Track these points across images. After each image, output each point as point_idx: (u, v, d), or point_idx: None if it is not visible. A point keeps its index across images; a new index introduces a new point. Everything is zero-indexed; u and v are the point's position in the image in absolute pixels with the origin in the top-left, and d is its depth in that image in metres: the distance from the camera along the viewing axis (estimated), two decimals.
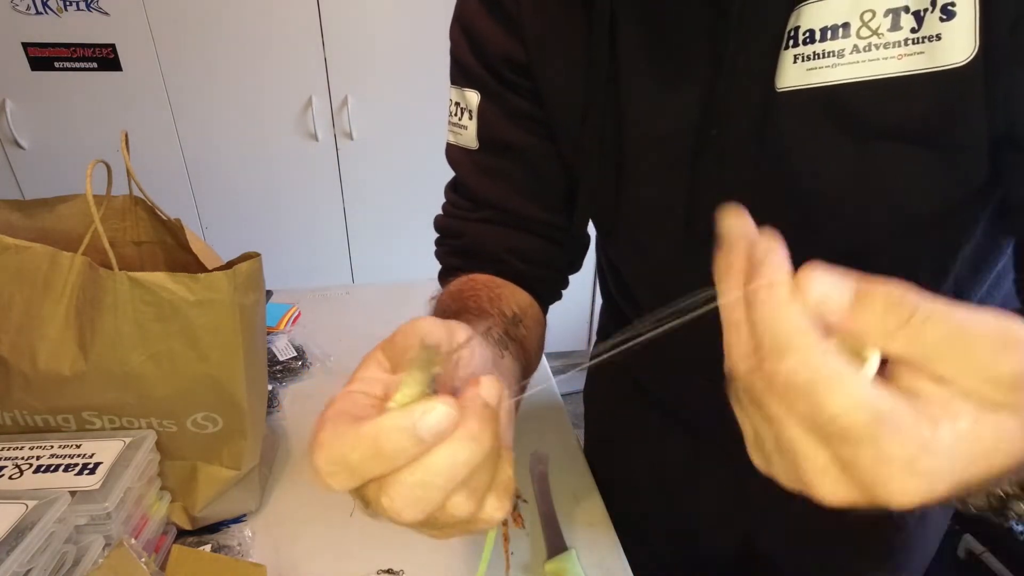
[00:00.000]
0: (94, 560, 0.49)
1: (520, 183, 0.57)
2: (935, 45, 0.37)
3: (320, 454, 0.26)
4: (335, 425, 0.27)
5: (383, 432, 0.25)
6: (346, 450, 0.26)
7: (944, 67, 0.37)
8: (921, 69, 0.38)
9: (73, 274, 0.52)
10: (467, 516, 0.28)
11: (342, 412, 0.28)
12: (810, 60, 0.41)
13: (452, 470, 0.26)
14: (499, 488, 0.29)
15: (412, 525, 0.28)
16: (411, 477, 0.26)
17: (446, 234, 0.62)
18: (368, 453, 0.25)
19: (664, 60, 0.47)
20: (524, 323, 0.52)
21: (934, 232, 0.47)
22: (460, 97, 0.56)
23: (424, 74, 1.81)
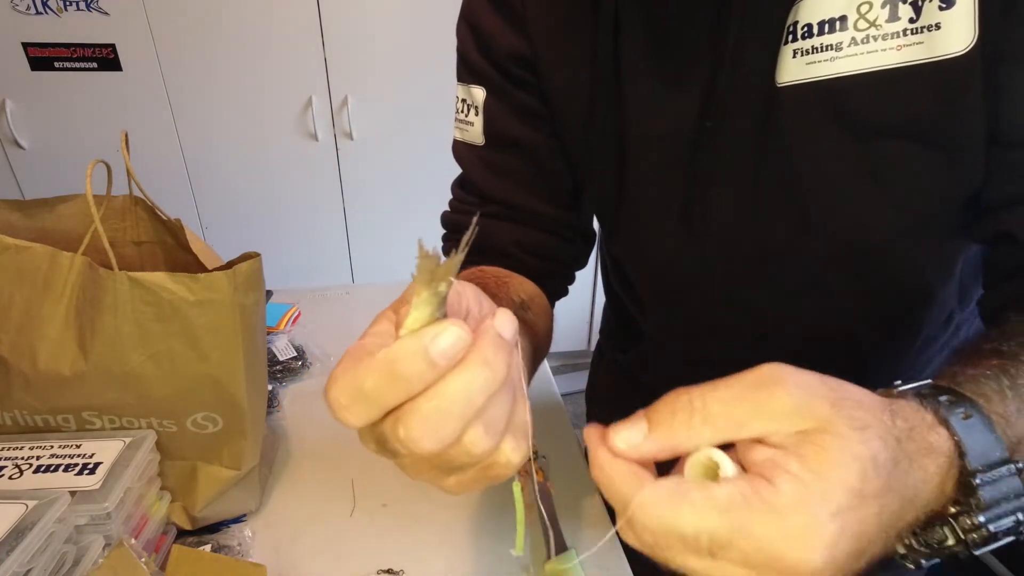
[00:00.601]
0: (94, 560, 0.49)
1: (526, 179, 0.57)
2: (934, 35, 0.37)
3: (335, 387, 0.26)
4: (349, 361, 0.27)
5: (397, 356, 0.25)
6: (361, 379, 0.26)
7: (943, 57, 0.37)
8: (920, 60, 0.38)
9: (73, 274, 0.52)
10: (484, 453, 0.27)
11: (355, 352, 0.28)
12: (809, 54, 0.41)
13: (468, 396, 0.26)
14: (516, 429, 0.29)
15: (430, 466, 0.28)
16: (427, 403, 0.26)
17: (452, 229, 0.62)
18: (383, 379, 0.25)
19: (666, 58, 0.47)
20: (532, 309, 0.52)
21: (937, 232, 0.47)
22: (466, 94, 0.57)
23: (424, 74, 1.80)
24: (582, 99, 0.52)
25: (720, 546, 0.25)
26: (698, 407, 0.27)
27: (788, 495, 0.24)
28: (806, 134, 0.43)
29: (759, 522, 0.24)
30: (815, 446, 0.25)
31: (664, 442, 0.27)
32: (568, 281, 0.65)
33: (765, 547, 0.24)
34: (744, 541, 0.24)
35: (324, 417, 0.85)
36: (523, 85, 0.54)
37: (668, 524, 0.25)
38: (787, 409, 0.26)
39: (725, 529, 0.24)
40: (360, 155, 1.92)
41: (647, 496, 0.26)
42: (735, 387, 0.27)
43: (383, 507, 0.65)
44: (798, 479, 0.25)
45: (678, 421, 0.27)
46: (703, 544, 0.25)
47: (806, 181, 0.45)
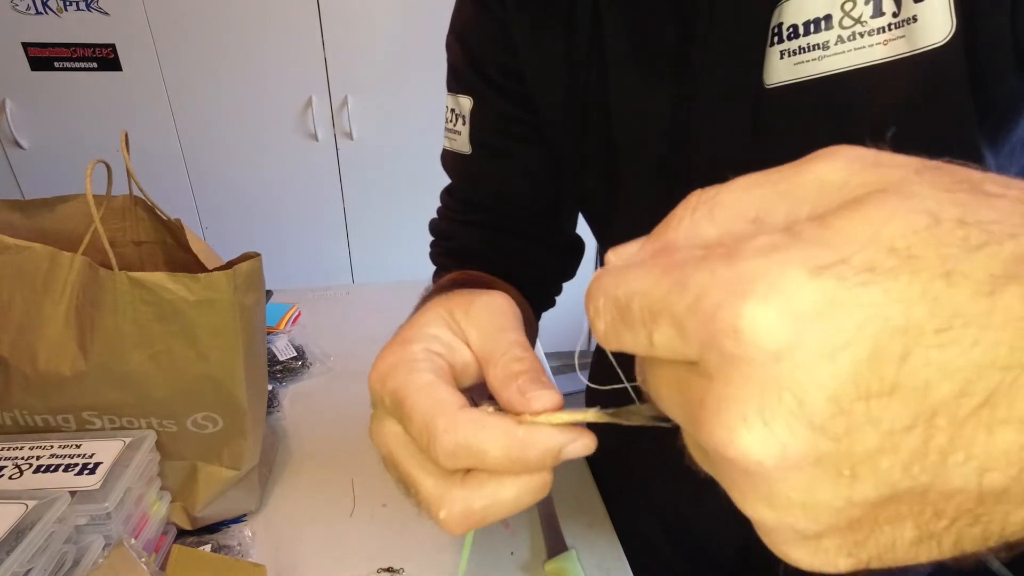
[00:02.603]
0: (94, 560, 0.49)
1: (512, 187, 0.58)
2: (913, 27, 0.37)
3: (451, 437, 0.25)
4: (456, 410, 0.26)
5: (535, 442, 0.25)
6: (484, 444, 0.25)
7: (924, 48, 0.37)
8: (904, 53, 0.38)
9: (73, 274, 0.52)
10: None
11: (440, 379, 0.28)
12: (796, 55, 0.41)
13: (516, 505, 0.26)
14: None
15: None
16: (479, 503, 0.26)
17: (439, 236, 0.63)
18: (512, 455, 0.25)
19: (649, 63, 0.47)
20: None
21: None
22: (455, 103, 0.57)
23: (424, 74, 1.81)
24: (569, 105, 0.52)
25: (651, 315, 0.17)
26: (705, 200, 0.19)
27: (760, 242, 0.16)
28: (798, 134, 0.43)
29: (701, 270, 0.16)
30: (850, 203, 0.15)
31: (659, 245, 0.20)
32: (554, 292, 0.65)
33: (697, 301, 0.15)
34: (677, 299, 0.16)
35: (324, 417, 0.85)
36: (509, 95, 0.55)
37: (609, 292, 0.18)
38: (827, 179, 0.17)
39: (660, 287, 0.17)
40: (360, 155, 1.92)
41: (607, 267, 0.20)
42: (766, 170, 0.19)
43: (383, 507, 0.65)
44: (790, 231, 0.16)
45: (676, 219, 0.20)
46: (635, 314, 0.17)
47: None
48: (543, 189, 0.58)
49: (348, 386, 0.85)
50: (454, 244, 0.60)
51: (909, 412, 0.14)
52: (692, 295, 0.16)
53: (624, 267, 0.18)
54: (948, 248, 0.14)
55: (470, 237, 0.59)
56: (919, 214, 0.14)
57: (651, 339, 0.17)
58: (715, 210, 0.19)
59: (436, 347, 0.30)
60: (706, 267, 0.16)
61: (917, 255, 0.14)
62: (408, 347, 0.30)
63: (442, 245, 0.62)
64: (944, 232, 0.14)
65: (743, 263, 0.15)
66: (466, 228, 0.60)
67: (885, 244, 0.14)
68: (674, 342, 0.16)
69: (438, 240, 0.63)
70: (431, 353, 0.29)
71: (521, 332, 0.30)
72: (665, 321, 0.16)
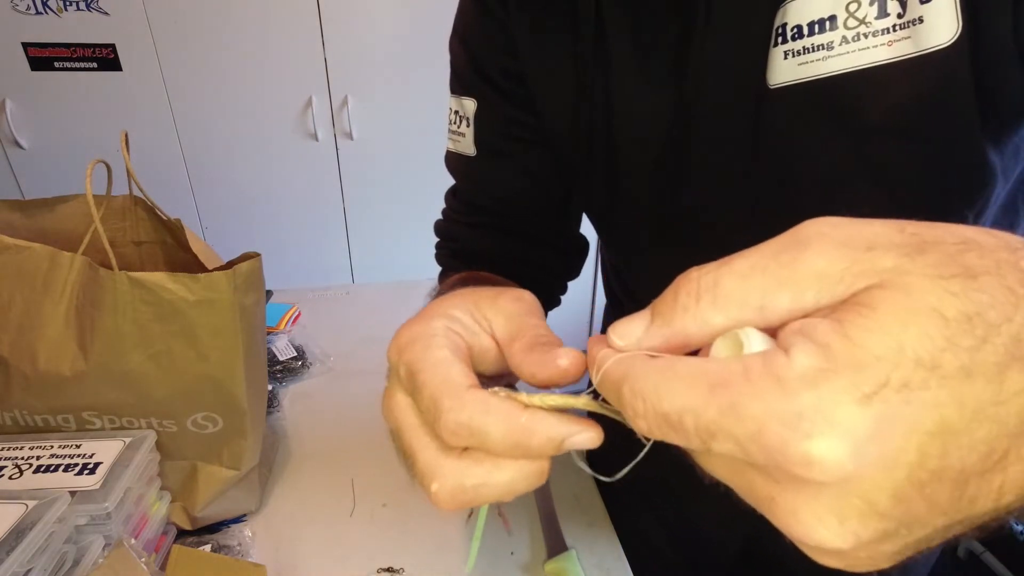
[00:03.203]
0: (94, 560, 0.49)
1: (516, 189, 0.58)
2: (919, 28, 0.37)
3: (455, 415, 0.26)
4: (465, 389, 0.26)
5: (538, 430, 0.25)
6: (487, 426, 0.25)
7: (930, 49, 0.37)
8: (910, 54, 0.38)
9: (73, 274, 0.52)
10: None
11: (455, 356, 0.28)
12: (800, 55, 0.41)
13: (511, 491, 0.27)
14: None
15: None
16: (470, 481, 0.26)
17: (444, 238, 0.63)
18: (508, 439, 0.25)
19: (651, 62, 0.47)
20: None
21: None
22: (458, 105, 0.57)
23: (424, 74, 1.81)
24: (570, 106, 0.52)
25: (708, 433, 0.19)
26: (706, 286, 0.21)
27: (802, 367, 0.17)
28: (802, 134, 0.43)
29: (753, 400, 0.18)
30: (861, 307, 0.18)
31: (666, 335, 0.22)
32: (559, 291, 0.65)
33: (760, 435, 0.17)
34: (734, 425, 0.18)
35: (324, 417, 0.85)
36: (512, 97, 0.55)
37: (651, 403, 0.20)
38: (826, 270, 0.19)
39: (712, 409, 0.18)
40: (360, 155, 1.92)
41: (635, 370, 0.21)
42: (757, 253, 0.20)
43: (383, 507, 0.65)
44: (823, 347, 0.17)
45: (681, 306, 0.21)
46: (689, 428, 0.19)
47: (803, 181, 0.45)
48: (547, 190, 0.58)
49: (348, 386, 0.85)
50: (459, 246, 0.61)
51: (949, 485, 0.17)
52: (752, 426, 0.18)
53: (660, 373, 0.20)
54: (961, 350, 0.16)
55: (475, 239, 0.59)
56: (929, 319, 0.17)
57: (707, 447, 0.19)
58: (719, 300, 0.21)
59: (457, 327, 0.30)
60: (759, 397, 0.18)
61: (939, 363, 0.17)
62: (430, 322, 0.30)
63: (447, 247, 0.62)
64: (954, 333, 0.17)
65: (796, 398, 0.17)
66: (471, 230, 0.60)
67: (911, 358, 0.17)
68: (734, 454, 0.18)
69: (443, 242, 0.63)
70: (451, 331, 0.30)
71: (545, 323, 0.30)
72: (724, 439, 0.18)
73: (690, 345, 0.22)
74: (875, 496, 0.17)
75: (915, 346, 0.17)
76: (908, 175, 0.43)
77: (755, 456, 0.18)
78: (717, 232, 0.51)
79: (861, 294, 0.18)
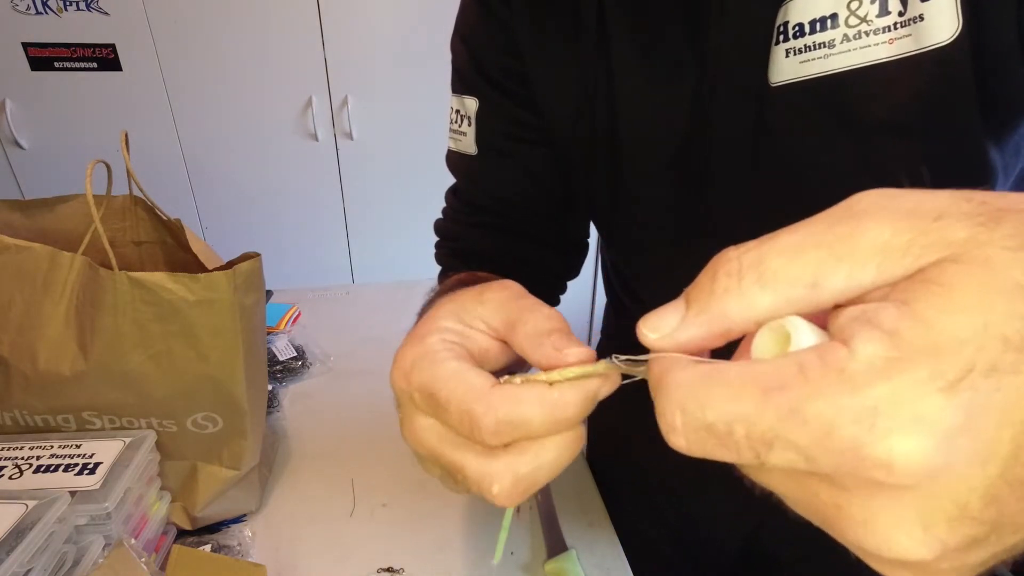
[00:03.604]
0: (94, 560, 0.49)
1: (517, 189, 0.58)
2: (920, 26, 0.37)
3: (491, 416, 0.26)
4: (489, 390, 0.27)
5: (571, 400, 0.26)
6: (527, 414, 0.26)
7: (931, 47, 0.37)
8: (910, 52, 0.38)
9: (73, 274, 0.52)
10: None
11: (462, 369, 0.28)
12: (802, 53, 0.41)
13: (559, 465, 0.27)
14: None
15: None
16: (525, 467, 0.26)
17: (445, 237, 0.63)
18: (552, 417, 0.25)
19: (653, 60, 0.47)
20: None
21: None
22: (460, 105, 0.57)
23: (424, 74, 1.81)
24: (572, 106, 0.52)
25: (765, 443, 0.17)
26: (750, 263, 0.18)
27: (868, 357, 0.15)
28: (803, 132, 0.43)
29: (817, 399, 0.16)
30: (932, 284, 0.16)
31: (705, 321, 0.19)
32: (559, 291, 0.65)
33: (828, 437, 0.15)
34: (796, 430, 0.16)
35: (324, 417, 0.85)
36: (514, 97, 0.55)
37: (693, 414, 0.18)
38: (888, 242, 0.17)
39: (768, 415, 0.16)
40: (360, 155, 1.92)
41: (670, 384, 0.19)
42: (806, 228, 0.18)
43: (383, 507, 0.65)
44: (891, 334, 0.15)
45: (721, 287, 0.19)
46: (740, 440, 0.17)
47: (805, 179, 0.45)
48: (548, 190, 0.58)
49: (348, 386, 0.85)
50: (460, 245, 0.61)
51: None
52: (817, 429, 0.16)
53: (701, 379, 0.18)
54: None
55: (476, 238, 0.59)
56: (1014, 295, 0.15)
57: (761, 459, 0.17)
58: (765, 276, 0.18)
59: (451, 336, 0.30)
60: (823, 397, 0.16)
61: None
62: (425, 341, 0.30)
63: (448, 246, 0.62)
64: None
65: (868, 392, 0.15)
66: (472, 229, 0.60)
67: (998, 338, 0.15)
68: (795, 463, 0.16)
69: (443, 241, 0.63)
70: (447, 343, 0.30)
71: (535, 298, 0.30)
72: (783, 447, 0.16)
73: (732, 333, 0.20)
74: (966, 497, 0.15)
75: (1000, 325, 0.15)
76: (910, 173, 0.43)
77: (822, 463, 0.16)
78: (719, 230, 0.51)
79: (930, 270, 0.16)
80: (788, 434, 0.16)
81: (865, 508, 0.16)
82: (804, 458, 0.16)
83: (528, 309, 0.29)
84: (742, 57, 0.43)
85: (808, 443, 0.16)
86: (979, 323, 0.15)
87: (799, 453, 0.16)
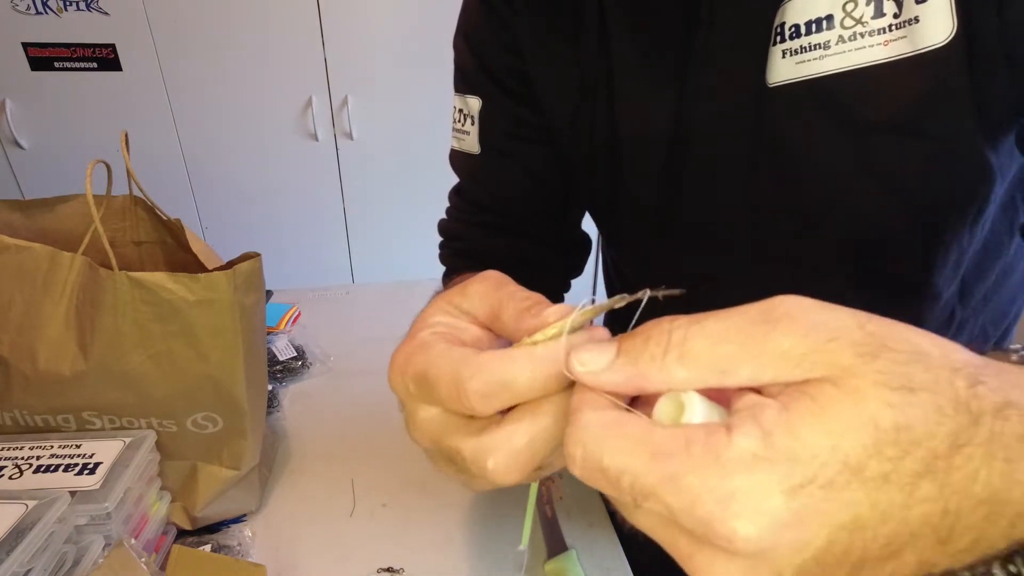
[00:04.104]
0: (94, 560, 0.49)
1: (520, 188, 0.58)
2: (915, 28, 0.37)
3: (479, 378, 0.26)
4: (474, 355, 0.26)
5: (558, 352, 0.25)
6: (514, 372, 0.25)
7: (925, 49, 0.37)
8: (905, 53, 0.38)
9: (73, 274, 0.52)
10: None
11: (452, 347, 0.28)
12: (798, 54, 0.41)
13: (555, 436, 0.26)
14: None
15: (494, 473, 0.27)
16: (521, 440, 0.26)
17: (449, 237, 0.63)
18: (542, 372, 0.25)
19: (653, 60, 0.47)
20: None
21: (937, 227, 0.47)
22: (463, 104, 0.57)
23: (424, 74, 1.81)
24: (573, 105, 0.52)
25: (643, 494, 0.20)
26: (676, 341, 0.22)
27: (740, 450, 0.19)
28: (800, 133, 0.43)
29: (692, 475, 0.19)
30: (810, 399, 0.19)
31: (628, 375, 0.23)
32: (563, 289, 0.65)
33: (692, 506, 0.19)
34: (670, 493, 0.19)
35: (324, 417, 0.85)
36: (517, 96, 0.55)
37: (591, 456, 0.21)
38: (789, 352, 0.20)
39: (652, 476, 0.20)
40: (360, 155, 1.92)
41: (580, 421, 0.22)
42: (730, 320, 0.21)
43: (383, 507, 0.65)
44: (765, 435, 0.19)
45: (649, 353, 0.22)
46: (625, 488, 0.21)
47: (803, 179, 0.45)
48: (551, 189, 0.58)
49: (348, 386, 0.85)
50: (464, 245, 0.61)
51: (848, 568, 0.19)
52: (687, 498, 0.19)
53: (607, 429, 0.21)
54: (885, 459, 0.18)
55: (480, 238, 0.60)
56: (865, 427, 0.19)
57: (637, 505, 0.21)
58: (686, 357, 0.22)
59: (441, 329, 0.30)
60: (697, 473, 0.19)
61: (864, 467, 0.18)
62: (416, 336, 0.30)
63: (452, 246, 0.62)
64: (883, 442, 0.18)
65: (730, 480, 0.19)
66: (476, 229, 0.60)
67: (841, 460, 0.18)
68: (663, 514, 0.20)
69: (447, 241, 0.63)
70: (438, 334, 0.30)
71: (519, 285, 0.31)
72: (656, 502, 0.20)
73: (647, 391, 0.23)
74: (781, 570, 0.19)
75: (847, 450, 0.18)
76: (908, 174, 0.43)
77: (684, 522, 0.20)
78: (718, 230, 0.51)
79: (813, 384, 0.20)
80: (663, 495, 0.20)
81: (709, 561, 0.20)
82: (671, 513, 0.20)
83: (508, 295, 0.29)
84: (740, 58, 0.43)
85: (677, 506, 0.19)
86: (831, 444, 0.18)
87: (667, 510, 0.20)
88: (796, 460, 0.19)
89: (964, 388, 0.19)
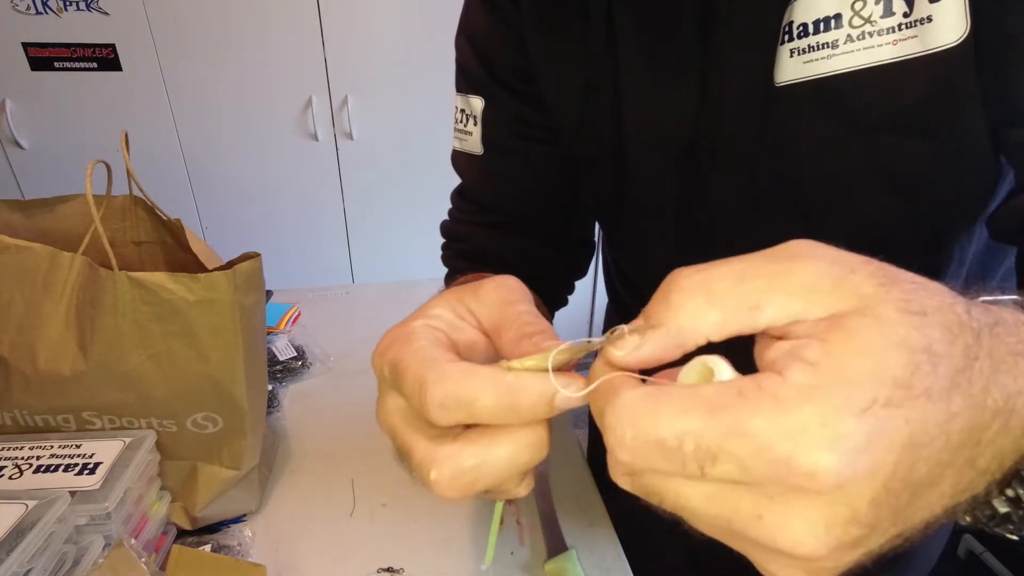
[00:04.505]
0: (94, 560, 0.49)
1: (524, 188, 0.58)
2: (927, 27, 0.37)
3: (440, 387, 0.25)
4: (446, 362, 0.26)
5: (527, 386, 0.25)
6: (474, 393, 0.25)
7: (937, 49, 0.37)
8: (915, 53, 0.38)
9: (73, 274, 0.52)
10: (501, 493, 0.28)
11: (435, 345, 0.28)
12: (806, 53, 0.41)
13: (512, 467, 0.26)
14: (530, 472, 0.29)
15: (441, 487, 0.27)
16: (469, 461, 0.26)
17: (451, 238, 0.63)
18: (505, 402, 0.25)
19: (659, 60, 0.47)
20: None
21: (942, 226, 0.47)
22: (465, 104, 0.57)
23: (424, 74, 1.81)
24: (578, 105, 0.52)
25: (710, 456, 0.19)
26: (698, 284, 0.22)
27: (798, 385, 0.19)
28: (807, 132, 0.43)
29: (757, 417, 0.19)
30: (845, 331, 0.19)
31: (663, 335, 0.22)
32: (567, 291, 0.65)
33: (765, 450, 0.18)
34: (738, 443, 0.19)
35: (324, 417, 0.85)
36: (521, 95, 0.54)
37: (644, 432, 0.20)
38: (815, 283, 0.20)
39: (714, 430, 0.19)
40: (360, 155, 1.92)
41: (621, 401, 0.21)
42: (748, 259, 0.22)
43: (383, 507, 0.65)
44: (814, 366, 0.19)
45: (675, 305, 0.22)
46: (688, 454, 0.19)
47: (808, 179, 0.45)
48: (555, 189, 0.58)
49: (348, 386, 0.85)
50: (467, 246, 0.60)
51: (910, 491, 0.19)
52: (756, 443, 0.18)
53: (653, 399, 0.20)
54: (923, 375, 0.19)
55: (483, 239, 0.59)
56: (900, 347, 0.19)
57: (704, 471, 0.20)
58: (714, 297, 0.21)
59: (436, 323, 0.30)
60: (762, 415, 0.19)
61: (911, 385, 0.19)
62: (409, 323, 0.30)
63: (454, 248, 0.62)
64: (918, 361, 0.19)
65: (797, 413, 0.18)
66: (479, 230, 0.60)
67: (891, 379, 0.19)
68: (732, 475, 0.19)
69: (450, 242, 0.63)
70: (430, 328, 0.30)
71: (532, 306, 0.30)
72: (726, 459, 0.19)
73: (687, 347, 0.22)
74: (858, 503, 0.19)
75: (892, 371, 0.19)
76: (914, 174, 0.43)
77: (757, 473, 0.19)
78: (724, 229, 0.51)
79: (843, 317, 0.20)
80: (732, 448, 0.19)
81: (783, 514, 0.19)
82: (742, 469, 0.19)
83: (517, 315, 0.29)
84: (748, 57, 0.43)
85: (748, 455, 0.19)
86: (879, 366, 0.19)
87: (739, 464, 0.19)
88: (854, 384, 0.19)
89: (962, 311, 0.21)
